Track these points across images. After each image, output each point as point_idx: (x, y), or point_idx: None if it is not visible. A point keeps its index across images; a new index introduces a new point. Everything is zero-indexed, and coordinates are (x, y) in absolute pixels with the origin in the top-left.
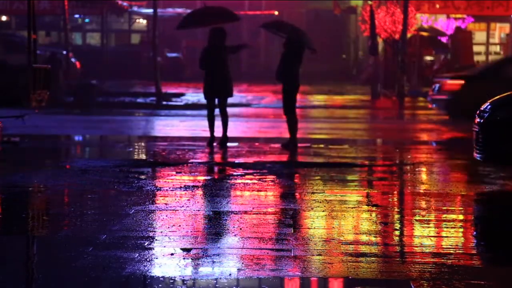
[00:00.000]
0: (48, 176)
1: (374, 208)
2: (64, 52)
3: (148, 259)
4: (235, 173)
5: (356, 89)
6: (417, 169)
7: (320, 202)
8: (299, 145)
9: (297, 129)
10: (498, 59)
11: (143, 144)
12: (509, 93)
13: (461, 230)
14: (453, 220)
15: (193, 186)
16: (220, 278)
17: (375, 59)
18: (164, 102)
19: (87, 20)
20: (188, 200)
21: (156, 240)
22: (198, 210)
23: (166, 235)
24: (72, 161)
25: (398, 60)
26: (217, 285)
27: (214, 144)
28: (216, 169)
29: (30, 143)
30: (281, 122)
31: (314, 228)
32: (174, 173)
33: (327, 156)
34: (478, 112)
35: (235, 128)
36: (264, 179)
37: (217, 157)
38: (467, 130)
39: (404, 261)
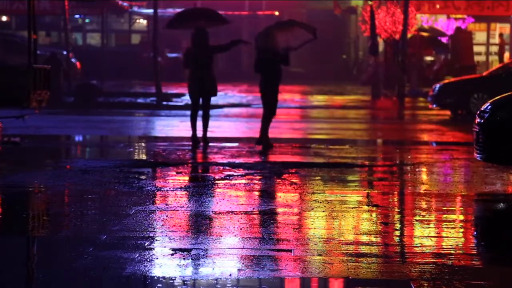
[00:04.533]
0: (48, 176)
1: (374, 209)
2: (64, 52)
3: (148, 259)
4: (235, 173)
5: (357, 89)
6: (417, 169)
7: (321, 202)
8: (298, 145)
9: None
10: None
11: (143, 144)
12: (509, 93)
13: (461, 230)
14: (453, 221)
15: (193, 186)
16: (221, 278)
17: (375, 60)
18: (164, 102)
19: (87, 21)
20: (188, 200)
21: (156, 240)
22: (198, 210)
23: (166, 235)
24: (72, 161)
25: (398, 61)
26: (217, 285)
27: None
28: (216, 169)
29: (30, 143)
30: (281, 122)
31: (315, 228)
32: (175, 173)
33: (327, 156)
34: (478, 112)
35: (236, 129)
36: (264, 179)
37: (217, 157)
38: (467, 130)
39: (404, 262)
